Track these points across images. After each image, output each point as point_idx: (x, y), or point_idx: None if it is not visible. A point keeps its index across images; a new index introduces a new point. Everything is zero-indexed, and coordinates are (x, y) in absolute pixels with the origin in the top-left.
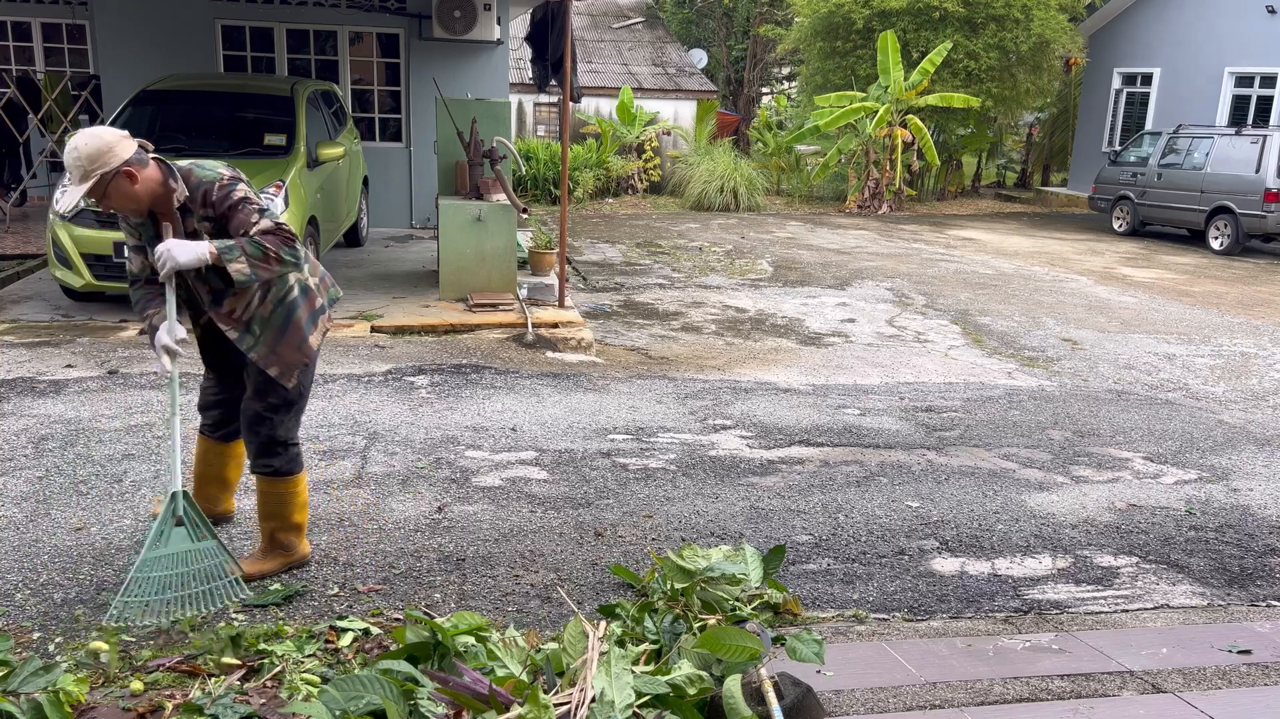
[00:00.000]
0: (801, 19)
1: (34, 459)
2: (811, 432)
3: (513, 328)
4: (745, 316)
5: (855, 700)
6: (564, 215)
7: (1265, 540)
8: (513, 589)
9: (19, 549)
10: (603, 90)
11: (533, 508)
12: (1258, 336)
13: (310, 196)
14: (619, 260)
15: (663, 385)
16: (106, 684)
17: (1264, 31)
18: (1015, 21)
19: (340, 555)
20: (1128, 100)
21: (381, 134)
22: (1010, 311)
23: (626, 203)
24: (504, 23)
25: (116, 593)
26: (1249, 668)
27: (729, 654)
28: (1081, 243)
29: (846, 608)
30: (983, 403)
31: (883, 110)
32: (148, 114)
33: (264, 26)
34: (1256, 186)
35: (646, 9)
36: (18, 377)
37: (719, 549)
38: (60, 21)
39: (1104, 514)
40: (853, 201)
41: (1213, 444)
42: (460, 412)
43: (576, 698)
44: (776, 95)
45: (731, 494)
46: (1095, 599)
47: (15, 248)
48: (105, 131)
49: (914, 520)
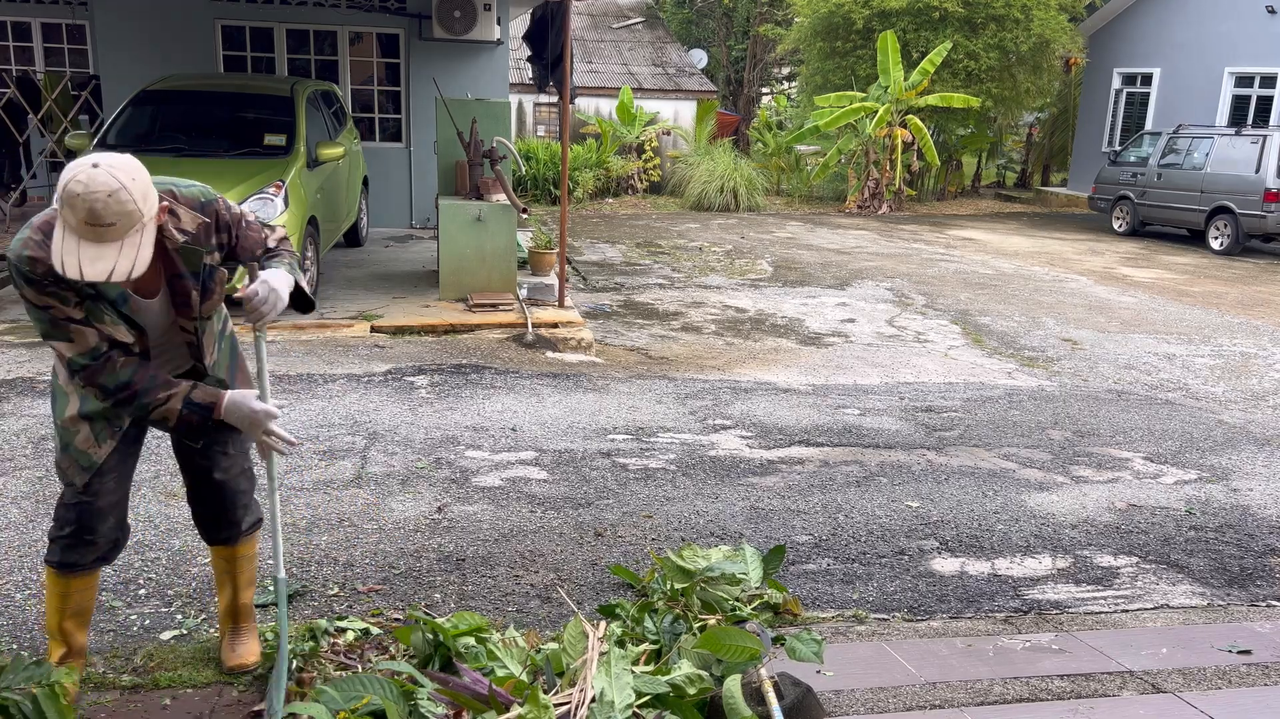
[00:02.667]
0: (801, 19)
1: (34, 459)
2: (811, 432)
3: (513, 328)
4: (745, 317)
5: (855, 700)
6: (564, 215)
7: (1265, 540)
8: (513, 589)
9: (19, 549)
10: (603, 90)
11: (533, 508)
12: (1258, 336)
13: (310, 197)
14: (619, 260)
15: (663, 385)
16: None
17: (1264, 31)
18: (1015, 21)
19: (340, 555)
20: (1128, 100)
21: (381, 134)
22: (1010, 311)
23: (626, 203)
24: (504, 23)
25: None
26: (1249, 668)
27: (729, 654)
28: (1081, 243)
29: (846, 608)
30: (983, 403)
31: (883, 110)
32: (147, 114)
33: (264, 26)
34: (1256, 186)
35: (646, 9)
36: (18, 377)
37: (719, 549)
38: (60, 21)
39: (1104, 514)
40: (853, 202)
41: (1213, 444)
42: (460, 412)
43: (576, 698)
44: (776, 95)
45: (731, 494)
46: (1095, 599)
47: None
48: (118, 158)
49: (914, 520)
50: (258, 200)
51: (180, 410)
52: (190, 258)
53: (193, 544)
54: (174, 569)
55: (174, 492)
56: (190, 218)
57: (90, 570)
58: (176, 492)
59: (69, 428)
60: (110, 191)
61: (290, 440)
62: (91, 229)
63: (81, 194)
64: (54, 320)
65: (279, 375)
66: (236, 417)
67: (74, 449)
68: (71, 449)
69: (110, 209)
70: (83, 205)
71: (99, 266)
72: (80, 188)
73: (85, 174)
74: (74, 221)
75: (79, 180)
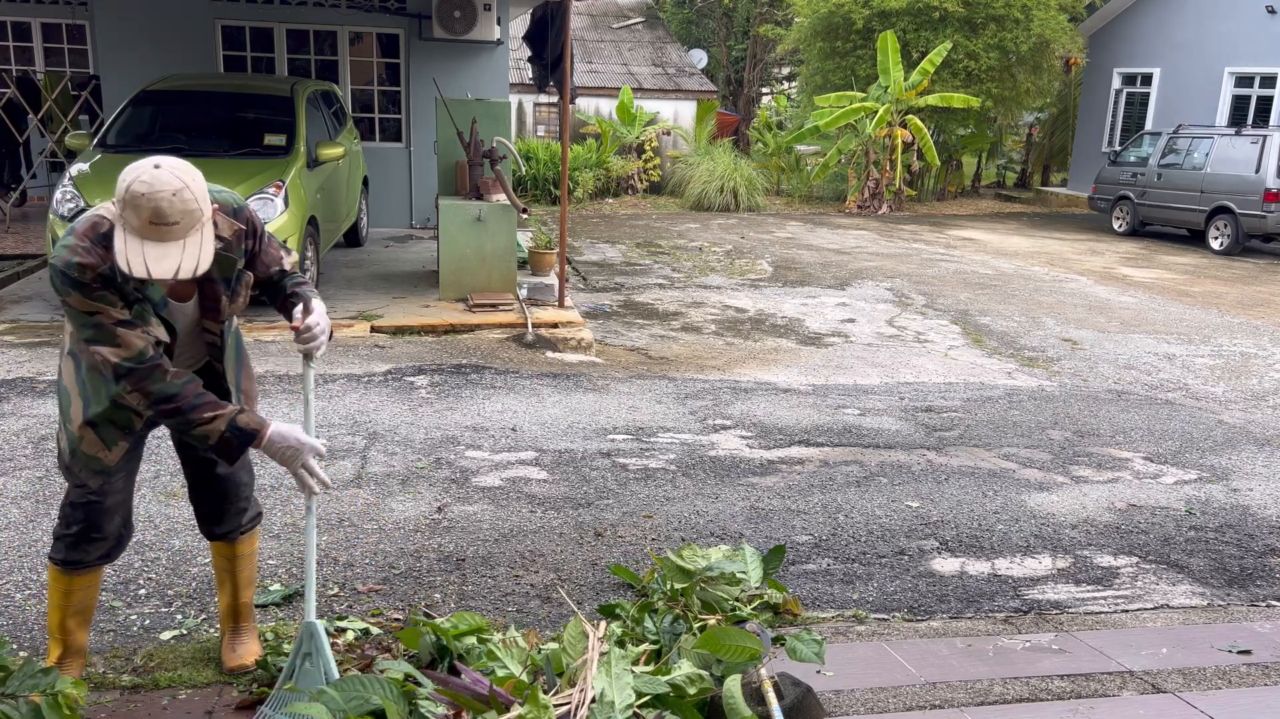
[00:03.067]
0: (801, 19)
1: (34, 459)
2: (811, 432)
3: (513, 328)
4: (745, 317)
5: (855, 700)
6: (564, 215)
7: (1265, 540)
8: (513, 589)
9: (19, 549)
10: (603, 90)
11: (533, 508)
12: (1258, 336)
13: (310, 197)
14: (619, 260)
15: (663, 385)
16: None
17: (1264, 31)
18: (1015, 21)
19: (340, 555)
20: (1128, 100)
21: (381, 134)
22: (1010, 312)
23: (626, 203)
24: (504, 23)
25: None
26: (1249, 668)
27: (729, 654)
28: (1081, 243)
29: (846, 608)
30: (983, 403)
31: (883, 110)
32: (147, 114)
33: (264, 26)
34: (1256, 186)
35: (646, 9)
36: (18, 377)
37: (719, 549)
38: (60, 21)
39: (1104, 514)
40: (852, 202)
41: (1213, 444)
42: (460, 412)
43: (576, 698)
44: (776, 95)
45: (731, 494)
46: (1095, 599)
47: (15, 248)
48: (175, 160)
49: (914, 520)
50: (258, 200)
51: (223, 432)
52: (224, 264)
53: (193, 544)
54: (174, 569)
55: (174, 492)
56: (226, 224)
57: (94, 568)
58: (176, 491)
59: (76, 432)
60: (174, 191)
61: (326, 482)
62: (156, 229)
63: (146, 194)
64: (100, 325)
65: (279, 375)
66: (280, 447)
67: (82, 454)
68: (79, 454)
69: (175, 208)
70: (148, 206)
71: (165, 265)
72: (145, 188)
73: (149, 174)
74: (137, 223)
75: (143, 181)
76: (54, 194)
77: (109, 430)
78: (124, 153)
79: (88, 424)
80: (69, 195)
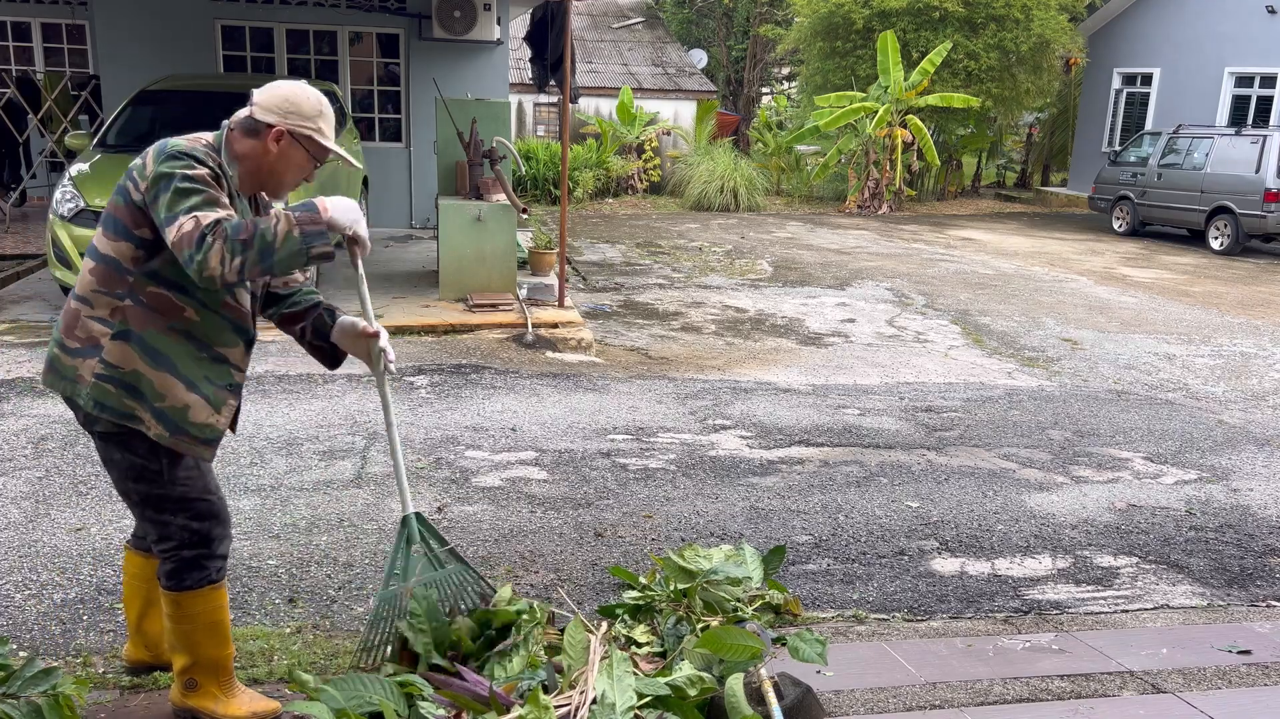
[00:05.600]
0: (801, 19)
1: (34, 459)
2: (811, 432)
3: (513, 328)
4: (745, 317)
5: (855, 700)
6: (564, 215)
7: (1265, 540)
8: (513, 589)
9: (19, 549)
10: (603, 90)
11: (533, 508)
12: (1258, 337)
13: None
14: (619, 260)
15: (663, 385)
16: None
17: (1264, 31)
18: (1015, 21)
19: (340, 555)
20: (1128, 100)
21: (381, 134)
22: (1010, 312)
23: (626, 203)
24: (504, 23)
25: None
26: (1249, 668)
27: (730, 654)
28: (1081, 243)
29: (846, 608)
30: (983, 403)
31: (883, 110)
32: (147, 114)
33: (264, 26)
34: (1256, 186)
35: (646, 9)
36: (18, 376)
37: (719, 549)
38: (60, 21)
39: (1104, 514)
40: (852, 202)
41: (1213, 444)
42: (460, 411)
43: (577, 699)
44: (776, 95)
45: (731, 494)
46: (1095, 599)
47: (15, 248)
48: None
49: (914, 520)
50: None
51: (293, 221)
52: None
53: None
54: None
55: None
56: None
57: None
58: None
59: (179, 407)
60: (314, 95)
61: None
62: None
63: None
64: (210, 196)
65: (278, 376)
66: (341, 205)
67: (192, 426)
68: (188, 429)
69: (327, 109)
70: (325, 107)
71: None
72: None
73: (300, 85)
74: (328, 130)
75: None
76: (54, 194)
77: (213, 390)
78: (124, 153)
79: (190, 390)
80: (69, 195)
